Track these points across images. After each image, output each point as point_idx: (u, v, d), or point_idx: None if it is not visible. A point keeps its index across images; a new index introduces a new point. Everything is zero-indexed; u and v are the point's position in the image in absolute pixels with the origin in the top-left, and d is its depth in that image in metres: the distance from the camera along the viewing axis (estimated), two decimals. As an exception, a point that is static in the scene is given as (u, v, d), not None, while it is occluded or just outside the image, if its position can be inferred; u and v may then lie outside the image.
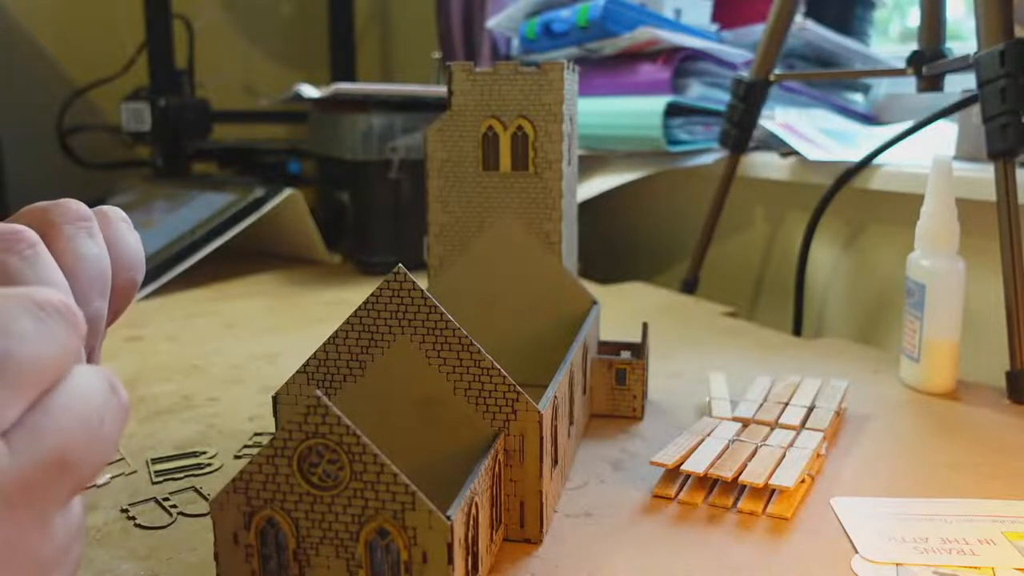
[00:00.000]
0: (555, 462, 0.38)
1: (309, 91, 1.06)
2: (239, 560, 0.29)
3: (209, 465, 0.44)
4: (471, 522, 0.30)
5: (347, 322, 0.34)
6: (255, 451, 0.46)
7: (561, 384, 0.39)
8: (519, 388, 0.34)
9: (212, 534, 0.37)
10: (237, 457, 0.45)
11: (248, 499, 0.29)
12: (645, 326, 0.53)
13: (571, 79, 0.50)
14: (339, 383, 0.35)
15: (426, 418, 0.35)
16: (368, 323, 0.34)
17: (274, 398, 0.36)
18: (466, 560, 0.30)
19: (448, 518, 0.28)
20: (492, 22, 1.16)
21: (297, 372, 0.35)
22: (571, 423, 0.43)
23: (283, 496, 0.28)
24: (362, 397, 0.35)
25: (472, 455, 0.34)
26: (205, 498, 0.41)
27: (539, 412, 0.34)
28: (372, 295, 0.34)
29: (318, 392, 0.28)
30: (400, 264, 0.34)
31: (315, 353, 0.35)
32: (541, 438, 0.35)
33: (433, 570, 0.28)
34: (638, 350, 0.53)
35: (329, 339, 0.35)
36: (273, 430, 0.48)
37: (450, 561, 0.28)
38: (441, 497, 0.29)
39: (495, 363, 0.34)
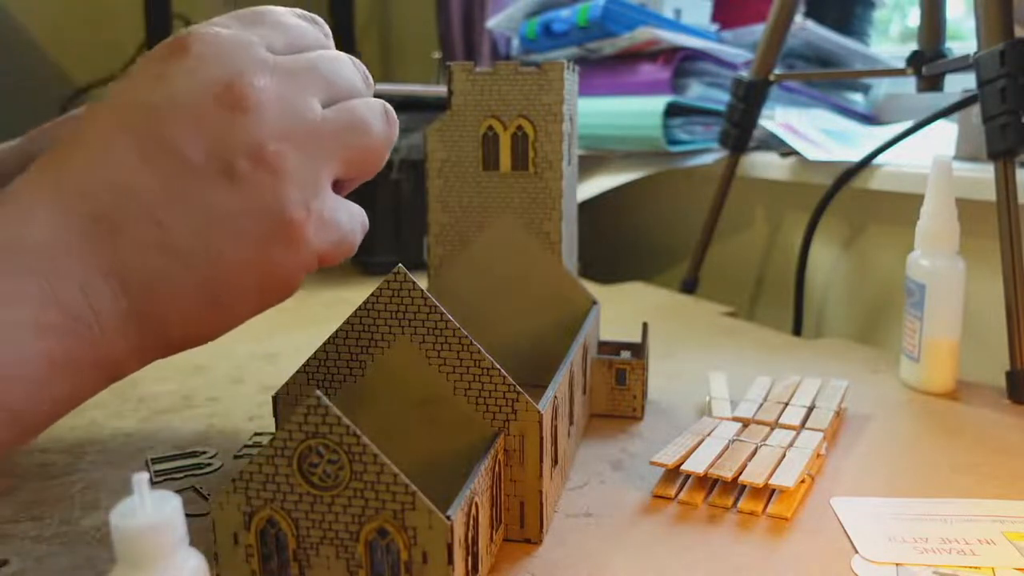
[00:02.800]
0: (555, 462, 0.38)
1: (309, 91, 1.06)
2: (239, 560, 0.29)
3: (209, 465, 0.44)
4: (471, 522, 0.30)
5: (347, 322, 0.34)
6: (255, 451, 0.46)
7: (561, 384, 0.39)
8: (519, 388, 0.34)
9: (211, 534, 0.37)
10: (237, 457, 0.45)
11: (248, 499, 0.29)
12: (645, 326, 0.53)
13: (571, 79, 0.50)
14: (339, 383, 0.35)
15: (426, 418, 0.35)
16: (368, 323, 0.34)
17: (274, 398, 0.36)
18: (466, 560, 0.30)
19: (448, 518, 0.28)
20: (492, 22, 1.16)
21: (297, 372, 0.35)
22: (571, 423, 0.43)
23: (283, 496, 0.28)
24: (362, 397, 0.35)
25: (472, 455, 0.34)
26: (205, 498, 0.41)
27: (539, 412, 0.34)
28: (372, 295, 0.34)
29: (318, 392, 0.28)
30: (400, 264, 0.34)
31: (315, 353, 0.35)
32: (541, 438, 0.35)
33: (433, 570, 0.28)
34: (638, 350, 0.53)
35: (329, 339, 0.35)
36: (273, 430, 0.48)
37: (450, 561, 0.28)
38: (441, 497, 0.29)
39: (495, 363, 0.34)
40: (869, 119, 0.99)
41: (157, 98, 0.30)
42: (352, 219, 0.34)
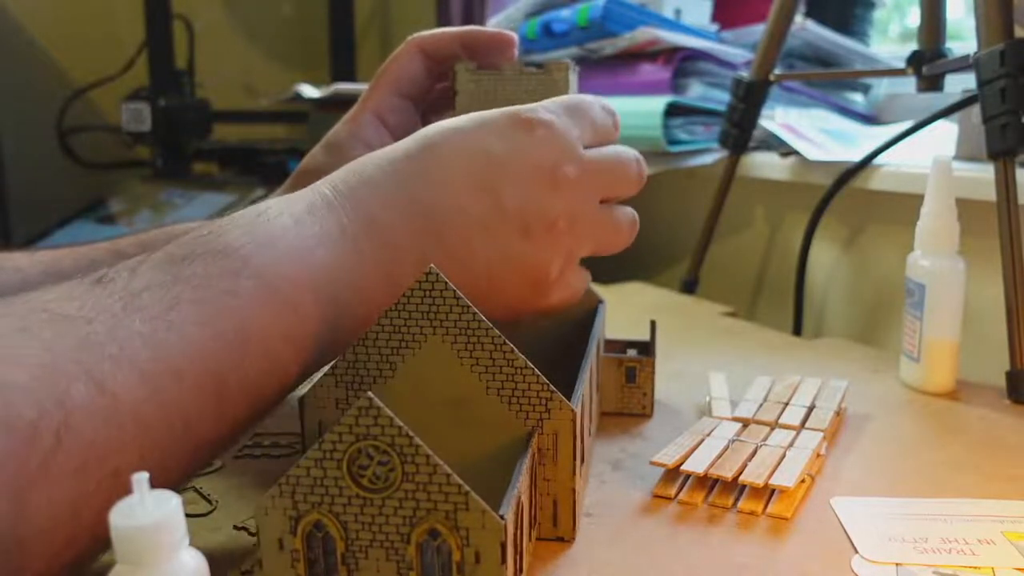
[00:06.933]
0: (582, 460, 0.38)
1: (309, 91, 1.06)
2: (284, 565, 0.29)
3: (209, 465, 0.44)
4: (518, 521, 0.30)
5: (378, 323, 0.34)
6: (256, 451, 0.46)
7: (586, 382, 0.39)
8: (552, 387, 0.34)
9: (212, 534, 0.37)
10: (237, 457, 0.45)
11: (295, 503, 0.28)
12: (653, 324, 0.53)
13: (574, 80, 0.50)
14: (368, 385, 0.35)
15: (457, 418, 0.34)
16: (399, 324, 0.34)
17: (301, 400, 0.36)
18: (515, 560, 0.30)
19: (502, 517, 0.28)
20: (492, 22, 1.16)
21: (325, 374, 0.35)
22: (591, 421, 0.43)
23: (331, 499, 0.28)
24: (392, 399, 0.34)
25: (503, 455, 0.34)
26: (206, 498, 0.40)
27: (573, 410, 0.34)
28: (403, 296, 0.34)
29: (370, 394, 0.27)
30: (432, 264, 0.34)
31: (345, 355, 0.35)
32: (574, 436, 0.34)
33: (485, 570, 0.28)
34: (644, 348, 0.53)
35: (359, 341, 0.34)
36: (276, 430, 0.48)
37: (503, 560, 0.28)
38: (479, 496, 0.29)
39: (528, 362, 0.34)
40: (869, 119, 0.99)
41: (500, 152, 0.38)
42: (580, 284, 0.43)
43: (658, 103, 0.88)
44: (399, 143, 0.40)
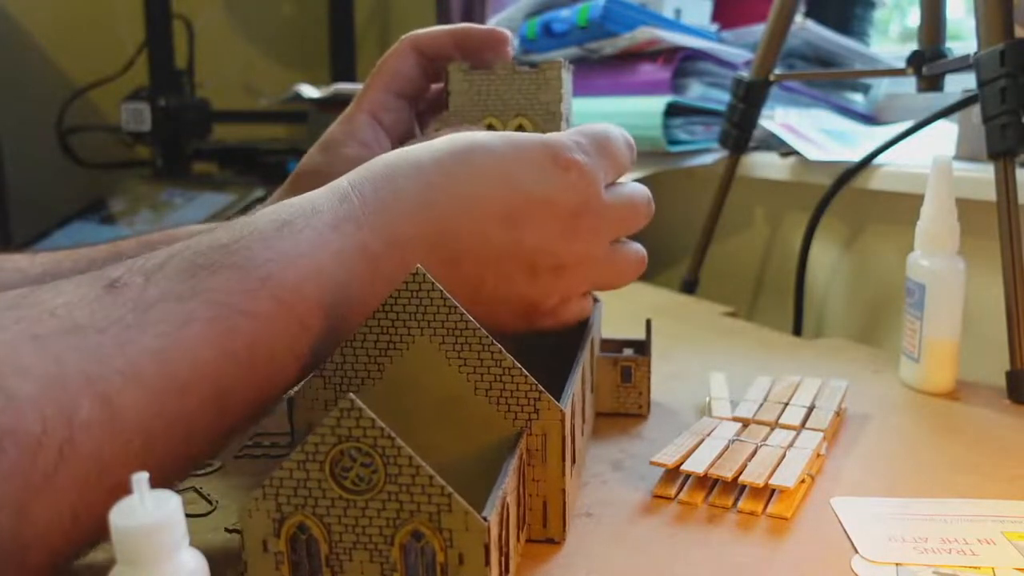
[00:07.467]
0: (573, 460, 0.38)
1: (309, 91, 1.06)
2: (268, 568, 0.29)
3: (209, 465, 0.44)
4: (503, 523, 0.30)
5: (366, 325, 0.34)
6: (256, 451, 0.46)
7: (577, 382, 0.39)
8: (541, 387, 0.34)
9: (211, 534, 0.37)
10: (237, 457, 0.45)
11: (278, 505, 0.28)
12: (649, 323, 0.53)
13: (567, 78, 0.50)
14: (356, 386, 0.35)
15: (446, 419, 0.34)
16: (386, 325, 0.34)
17: (289, 401, 0.36)
18: (500, 561, 0.30)
19: (484, 519, 0.27)
20: (492, 22, 1.16)
21: (313, 376, 0.35)
22: (583, 421, 0.43)
23: (315, 501, 0.28)
24: (381, 400, 0.34)
25: (491, 456, 0.34)
26: (205, 498, 0.40)
27: (561, 411, 0.34)
28: (391, 297, 0.34)
29: (351, 395, 0.27)
30: (419, 265, 0.34)
31: (332, 357, 0.35)
32: (563, 437, 0.34)
33: (469, 572, 0.28)
34: (641, 347, 0.53)
35: (346, 343, 0.34)
36: (274, 431, 0.48)
37: (487, 562, 0.28)
38: (465, 498, 0.29)
39: (516, 362, 0.34)
40: (869, 119, 0.99)
41: (532, 189, 0.38)
42: (578, 314, 0.43)
43: (658, 103, 0.88)
44: (429, 148, 0.39)
